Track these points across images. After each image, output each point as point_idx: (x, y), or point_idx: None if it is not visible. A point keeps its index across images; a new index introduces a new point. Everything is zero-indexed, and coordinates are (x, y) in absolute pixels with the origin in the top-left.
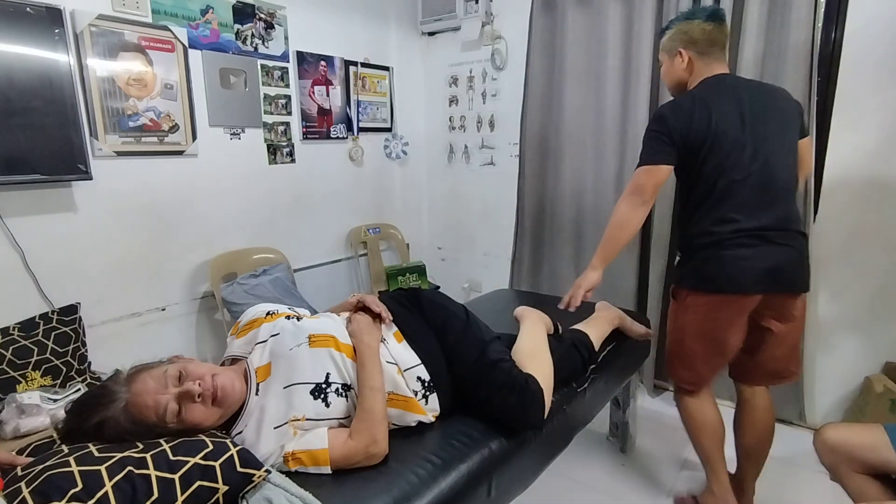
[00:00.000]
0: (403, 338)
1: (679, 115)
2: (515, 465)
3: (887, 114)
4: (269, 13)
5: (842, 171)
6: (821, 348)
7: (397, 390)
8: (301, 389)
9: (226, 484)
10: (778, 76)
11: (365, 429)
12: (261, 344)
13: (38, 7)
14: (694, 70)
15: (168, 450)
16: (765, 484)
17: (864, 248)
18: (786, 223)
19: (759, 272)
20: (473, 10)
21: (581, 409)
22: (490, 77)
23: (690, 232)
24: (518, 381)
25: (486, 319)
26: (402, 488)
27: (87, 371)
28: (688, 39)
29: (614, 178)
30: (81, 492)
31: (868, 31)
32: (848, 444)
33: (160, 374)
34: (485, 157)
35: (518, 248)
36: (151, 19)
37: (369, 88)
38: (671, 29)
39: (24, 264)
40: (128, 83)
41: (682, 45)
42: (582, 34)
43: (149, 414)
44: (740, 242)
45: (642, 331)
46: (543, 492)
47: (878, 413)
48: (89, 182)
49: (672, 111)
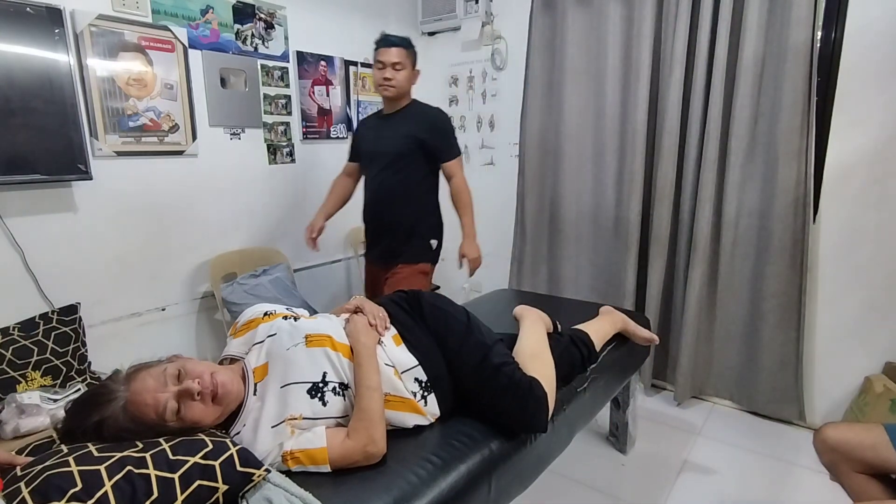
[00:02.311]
0: (402, 341)
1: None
2: (515, 465)
3: (887, 114)
4: (269, 13)
5: (842, 171)
6: (821, 348)
7: (395, 392)
8: (298, 389)
9: (226, 483)
10: (778, 76)
11: (363, 428)
12: (258, 344)
13: (38, 7)
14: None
15: (168, 449)
16: (765, 484)
17: (864, 248)
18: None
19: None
20: (473, 10)
21: (581, 409)
22: (490, 77)
23: (438, 217)
24: (522, 385)
25: (486, 320)
26: (402, 488)
27: (87, 371)
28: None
29: (614, 178)
30: (81, 491)
31: (868, 31)
32: (848, 444)
33: (159, 373)
34: (485, 157)
35: (518, 248)
36: (151, 19)
37: (369, 88)
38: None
39: (24, 264)
40: (128, 83)
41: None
42: (582, 34)
43: (148, 412)
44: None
45: (646, 335)
46: (543, 492)
47: (878, 413)
48: (89, 182)
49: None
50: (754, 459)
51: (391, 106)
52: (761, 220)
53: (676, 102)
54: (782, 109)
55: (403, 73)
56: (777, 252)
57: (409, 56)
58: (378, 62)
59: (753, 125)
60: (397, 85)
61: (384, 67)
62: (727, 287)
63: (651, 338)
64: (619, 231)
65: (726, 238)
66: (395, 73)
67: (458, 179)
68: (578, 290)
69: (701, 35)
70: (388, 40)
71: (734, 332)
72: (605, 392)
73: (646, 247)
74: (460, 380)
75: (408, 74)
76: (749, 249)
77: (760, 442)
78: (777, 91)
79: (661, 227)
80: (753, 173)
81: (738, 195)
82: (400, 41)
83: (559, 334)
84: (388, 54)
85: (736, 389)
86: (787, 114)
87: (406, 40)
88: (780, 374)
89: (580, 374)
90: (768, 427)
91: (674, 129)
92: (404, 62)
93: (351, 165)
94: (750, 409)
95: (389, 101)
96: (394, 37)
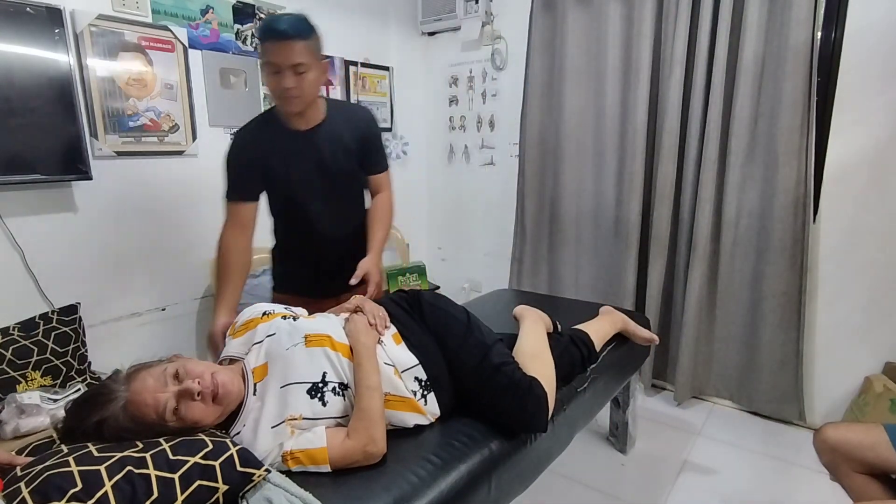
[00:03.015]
0: (402, 340)
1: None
2: (515, 465)
3: (888, 114)
4: (269, 13)
5: (842, 171)
6: (821, 348)
7: (395, 391)
8: (297, 389)
9: (226, 483)
10: (778, 76)
11: (363, 428)
12: (257, 344)
13: (38, 7)
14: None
15: (168, 449)
16: (765, 484)
17: (864, 248)
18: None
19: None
20: (473, 10)
21: (581, 409)
22: (490, 77)
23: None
24: (522, 385)
25: (486, 320)
26: (402, 488)
27: (86, 371)
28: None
29: (614, 178)
30: (81, 492)
31: (868, 31)
32: (848, 444)
33: (159, 373)
34: (485, 157)
35: (518, 248)
36: (151, 19)
37: (369, 88)
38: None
39: (24, 264)
40: (128, 83)
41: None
42: (582, 34)
43: (148, 412)
44: None
45: (646, 335)
46: (543, 492)
47: (878, 413)
48: (89, 182)
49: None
50: (754, 459)
51: (303, 121)
52: (761, 220)
53: (676, 102)
54: (782, 109)
55: (311, 76)
56: (777, 252)
57: (313, 49)
58: (270, 64)
59: (753, 125)
60: (304, 93)
61: (280, 71)
62: (727, 287)
63: (651, 338)
64: (619, 231)
65: (726, 238)
66: (298, 78)
67: (388, 193)
68: (578, 290)
69: (701, 35)
70: (278, 31)
71: (734, 332)
72: (605, 392)
73: (646, 247)
74: (460, 379)
75: (316, 75)
76: (749, 249)
77: (760, 442)
78: (777, 91)
79: (661, 227)
80: (753, 173)
81: (738, 195)
82: (296, 30)
83: (559, 334)
84: (284, 52)
85: (736, 389)
86: (787, 114)
87: (304, 25)
88: (780, 374)
89: (580, 374)
90: (768, 427)
91: (674, 129)
92: (308, 60)
93: (245, 208)
94: (750, 409)
95: (297, 116)
96: (285, 23)
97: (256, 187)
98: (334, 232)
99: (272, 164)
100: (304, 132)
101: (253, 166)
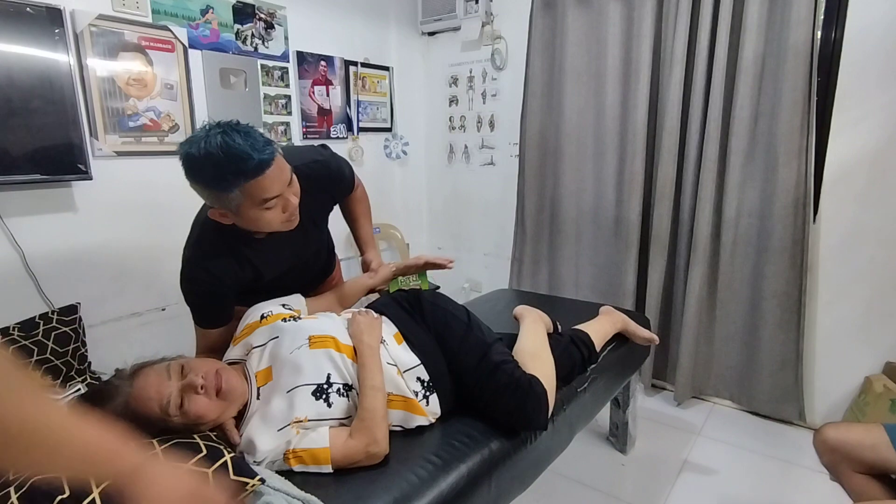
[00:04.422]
0: (403, 340)
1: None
2: (516, 465)
3: (888, 114)
4: (269, 13)
5: (842, 171)
6: (821, 348)
7: (398, 391)
8: (303, 391)
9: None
10: (778, 76)
11: (365, 428)
12: (259, 348)
13: (38, 7)
14: None
15: (160, 453)
16: (765, 484)
17: (864, 247)
18: None
19: None
20: (473, 10)
21: (581, 409)
22: (490, 77)
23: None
24: (521, 383)
25: (487, 320)
26: (403, 488)
27: (87, 371)
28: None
29: (614, 178)
30: (68, 499)
31: (868, 31)
32: (848, 444)
33: (163, 369)
34: (485, 157)
35: (518, 248)
36: (151, 19)
37: (369, 88)
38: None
39: (24, 264)
40: (128, 83)
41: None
42: (582, 34)
43: (152, 406)
44: None
45: (647, 335)
46: (543, 492)
47: (878, 413)
48: (89, 182)
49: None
50: (754, 459)
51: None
52: (761, 220)
53: (676, 102)
54: (782, 109)
55: (297, 185)
56: (777, 252)
57: (282, 159)
58: (266, 200)
59: (753, 125)
60: (297, 203)
61: (279, 195)
62: (727, 287)
63: (651, 338)
64: (620, 231)
65: (726, 238)
66: (294, 195)
67: (361, 186)
68: (578, 290)
69: (701, 35)
70: (254, 163)
71: (734, 332)
72: (606, 392)
73: (646, 247)
74: (460, 378)
75: (296, 183)
76: (749, 249)
77: (760, 442)
78: (777, 91)
79: (661, 227)
80: (753, 173)
81: (738, 195)
82: (265, 148)
83: (559, 334)
84: (274, 178)
85: (736, 389)
86: (787, 114)
87: (259, 136)
88: (780, 374)
89: (580, 374)
90: (768, 427)
91: (674, 129)
92: (289, 171)
93: (219, 330)
94: (750, 409)
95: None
96: (247, 148)
97: (231, 310)
98: (304, 284)
99: (245, 279)
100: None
101: (227, 297)
